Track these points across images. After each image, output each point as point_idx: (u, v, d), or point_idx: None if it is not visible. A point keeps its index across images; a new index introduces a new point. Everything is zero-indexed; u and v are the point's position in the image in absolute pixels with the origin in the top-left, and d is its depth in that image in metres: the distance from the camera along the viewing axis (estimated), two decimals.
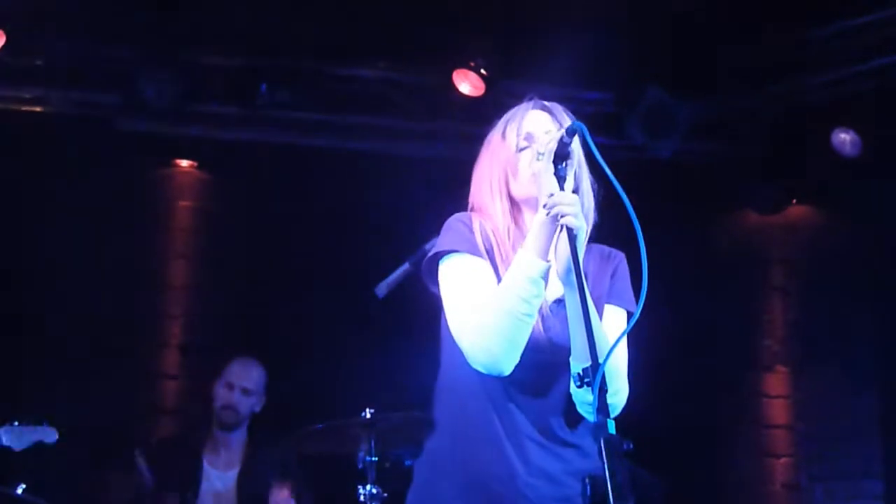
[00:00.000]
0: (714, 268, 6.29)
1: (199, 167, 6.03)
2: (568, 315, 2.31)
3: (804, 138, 5.90)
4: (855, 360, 6.02)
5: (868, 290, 6.05)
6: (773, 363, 6.34)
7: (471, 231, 2.47)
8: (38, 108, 5.49)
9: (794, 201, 6.32)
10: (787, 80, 5.77)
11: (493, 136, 2.58)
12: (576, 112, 2.58)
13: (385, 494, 3.93)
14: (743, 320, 6.38)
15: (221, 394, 4.88)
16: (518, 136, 2.51)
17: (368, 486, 3.93)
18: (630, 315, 2.45)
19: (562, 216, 2.22)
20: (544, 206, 2.26)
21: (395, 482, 3.81)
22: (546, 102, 2.57)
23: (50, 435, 4.03)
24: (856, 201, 5.96)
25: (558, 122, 2.51)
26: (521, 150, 2.50)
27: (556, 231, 2.27)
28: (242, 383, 4.88)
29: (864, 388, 6.01)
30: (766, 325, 6.40)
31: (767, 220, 6.39)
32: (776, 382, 6.32)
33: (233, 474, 4.79)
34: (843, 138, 5.68)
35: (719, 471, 6.18)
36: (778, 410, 6.29)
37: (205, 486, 4.73)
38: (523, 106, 2.57)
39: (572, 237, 2.20)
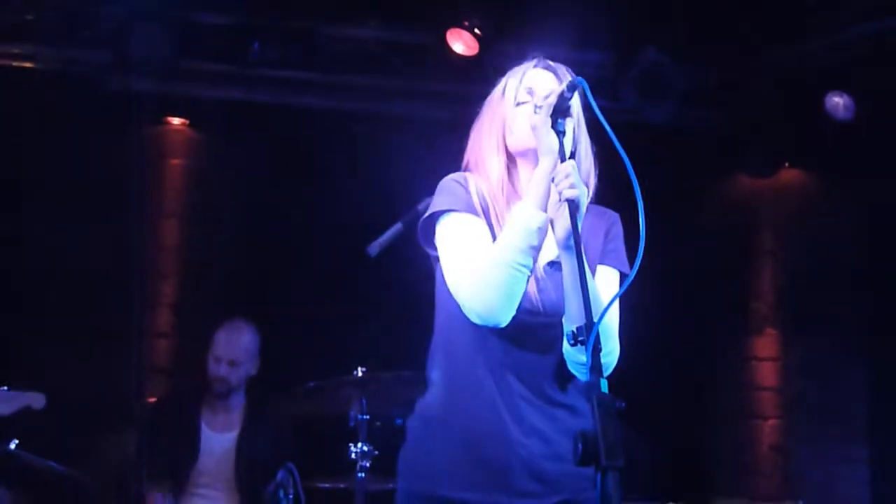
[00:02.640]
0: (705, 231, 6.30)
1: (190, 125, 6.01)
2: (564, 277, 2.32)
3: (797, 102, 5.90)
4: (844, 324, 6.05)
5: (859, 255, 6.07)
6: (762, 326, 6.37)
7: (466, 191, 2.47)
8: (28, 65, 5.45)
9: (787, 165, 6.33)
10: (782, 44, 5.75)
11: (495, 93, 2.58)
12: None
13: (376, 452, 3.95)
14: (733, 283, 6.41)
15: (211, 366, 4.77)
16: (517, 91, 2.50)
17: (360, 445, 3.96)
18: (623, 276, 2.47)
19: (559, 193, 2.22)
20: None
21: (386, 440, 3.83)
22: (551, 62, 2.56)
23: (38, 400, 4.02)
24: (848, 166, 5.96)
25: (561, 81, 2.49)
26: (520, 104, 2.49)
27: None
28: (229, 355, 4.76)
29: (853, 352, 6.05)
30: (755, 288, 6.43)
31: (759, 184, 6.40)
32: (765, 345, 6.35)
33: (231, 436, 4.76)
34: (837, 102, 5.67)
35: (707, 432, 6.24)
36: (767, 373, 6.33)
37: (203, 449, 4.71)
38: (527, 63, 2.56)
39: (573, 206, 2.20)
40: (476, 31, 5.39)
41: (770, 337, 6.35)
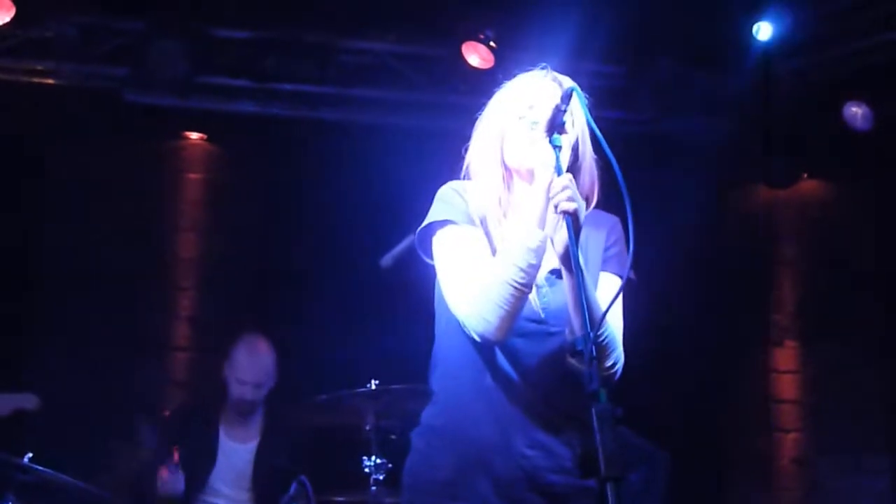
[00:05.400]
0: (724, 242, 6.27)
1: (208, 140, 6.05)
2: (565, 290, 2.29)
3: (816, 112, 5.87)
4: (863, 335, 6.00)
5: (879, 265, 6.02)
6: (782, 338, 6.33)
7: (463, 200, 2.43)
8: (48, 81, 5.51)
9: (805, 175, 6.29)
10: (800, 54, 5.73)
11: (498, 97, 2.53)
12: (586, 85, 2.49)
13: (390, 465, 3.95)
14: (752, 295, 6.37)
15: (234, 389, 4.71)
16: (520, 103, 2.46)
17: (373, 457, 3.96)
18: (626, 281, 2.43)
19: (556, 206, 2.19)
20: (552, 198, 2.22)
21: (400, 453, 3.82)
22: (558, 75, 2.50)
23: (30, 401, 3.99)
24: (867, 176, 5.92)
25: None
26: (520, 118, 2.44)
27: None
28: (255, 379, 4.70)
29: (873, 363, 5.99)
30: (775, 299, 6.39)
31: (778, 195, 6.37)
32: (785, 357, 6.31)
33: (251, 447, 4.73)
34: (855, 112, 5.64)
35: (728, 445, 6.19)
36: (787, 385, 6.29)
37: (222, 458, 4.70)
38: (535, 73, 2.51)
39: (570, 220, 2.17)
40: (491, 43, 5.40)
41: (790, 349, 6.31)
